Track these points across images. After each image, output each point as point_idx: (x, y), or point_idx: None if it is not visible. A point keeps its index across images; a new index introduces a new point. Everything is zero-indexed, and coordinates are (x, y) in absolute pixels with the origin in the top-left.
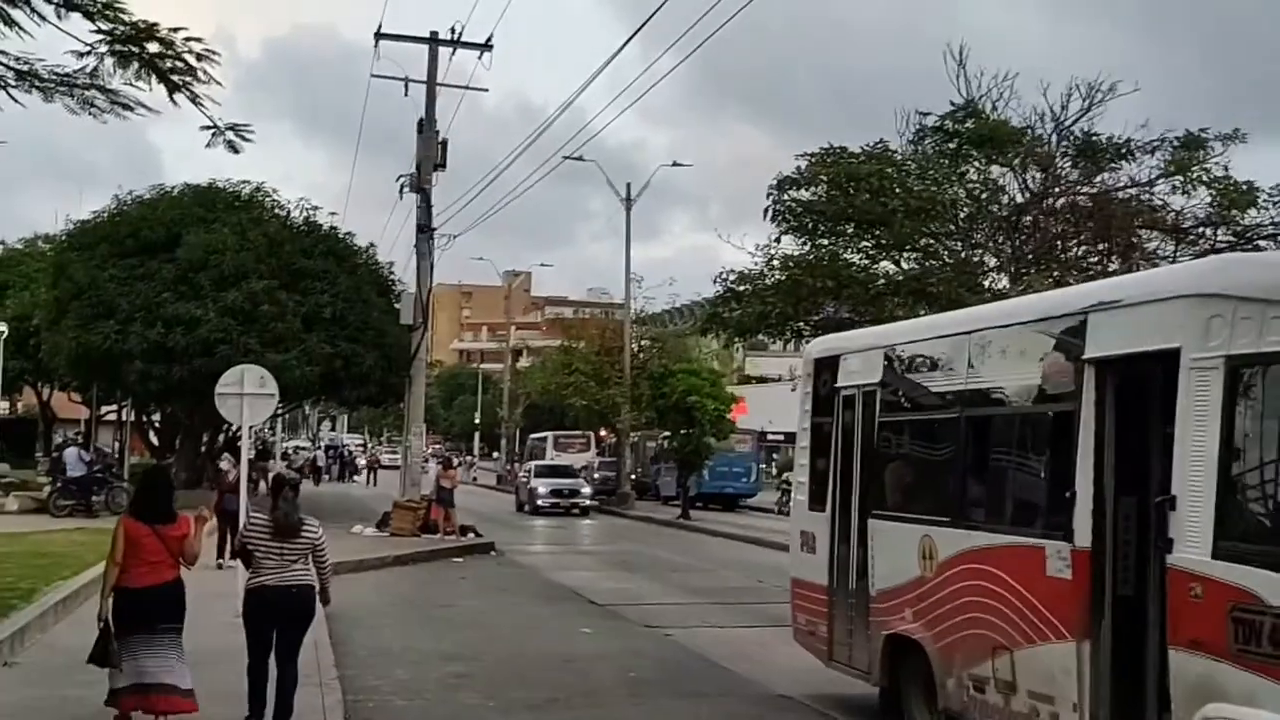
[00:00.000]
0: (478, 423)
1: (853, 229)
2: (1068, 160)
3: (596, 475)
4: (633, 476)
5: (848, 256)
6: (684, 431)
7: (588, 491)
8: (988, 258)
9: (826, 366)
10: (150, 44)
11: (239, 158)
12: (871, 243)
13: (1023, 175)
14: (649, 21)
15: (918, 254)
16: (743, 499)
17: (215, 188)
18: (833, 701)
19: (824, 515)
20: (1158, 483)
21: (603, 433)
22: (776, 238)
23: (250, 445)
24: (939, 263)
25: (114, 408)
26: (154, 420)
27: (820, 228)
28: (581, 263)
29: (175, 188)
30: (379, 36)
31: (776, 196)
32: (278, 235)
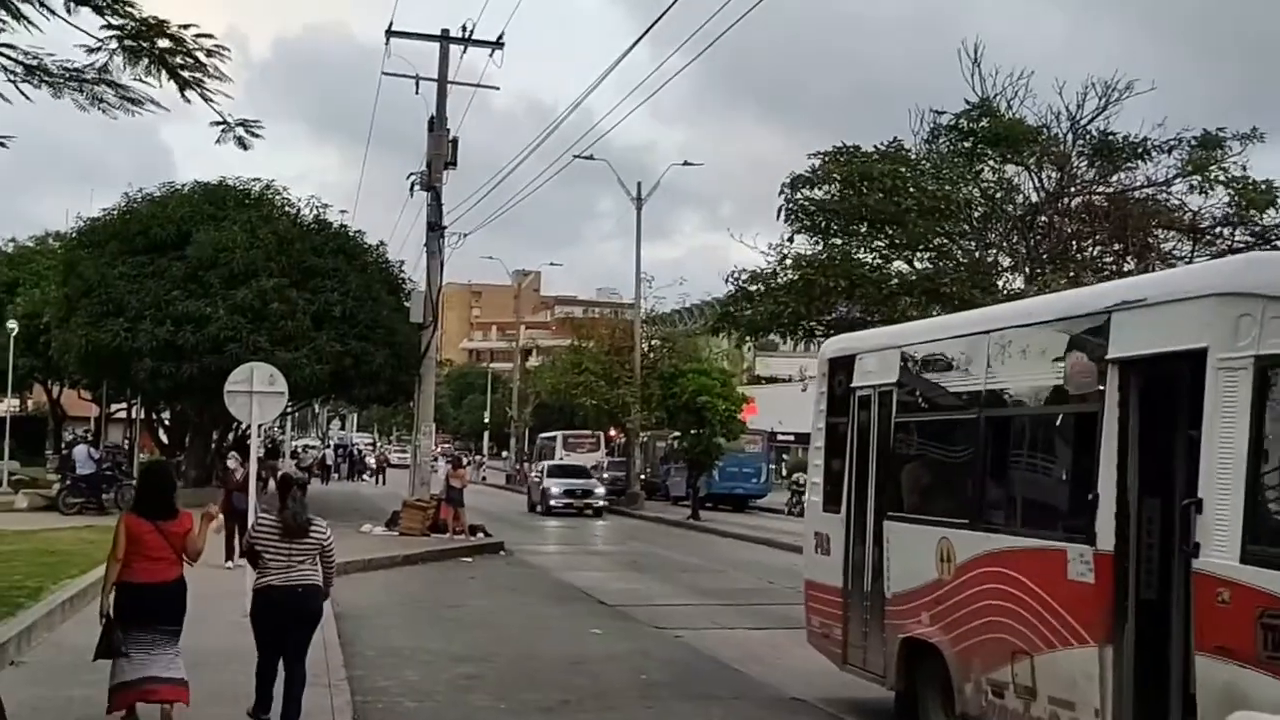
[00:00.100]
0: (487, 422)
1: (866, 228)
2: (1084, 160)
3: (605, 475)
4: (642, 476)
5: (860, 256)
6: (694, 432)
7: (601, 492)
8: (1002, 258)
9: (842, 366)
10: (160, 40)
11: (250, 157)
12: (885, 242)
13: (1038, 174)
14: (659, 21)
15: (931, 254)
16: (752, 500)
17: (225, 186)
18: (847, 705)
19: (839, 517)
20: (1183, 485)
21: (612, 432)
22: (789, 237)
23: (260, 444)
24: (953, 263)
25: (124, 405)
26: (164, 418)
27: (833, 227)
28: (591, 262)
29: (185, 186)
30: (390, 34)
31: (789, 195)
32: (288, 233)
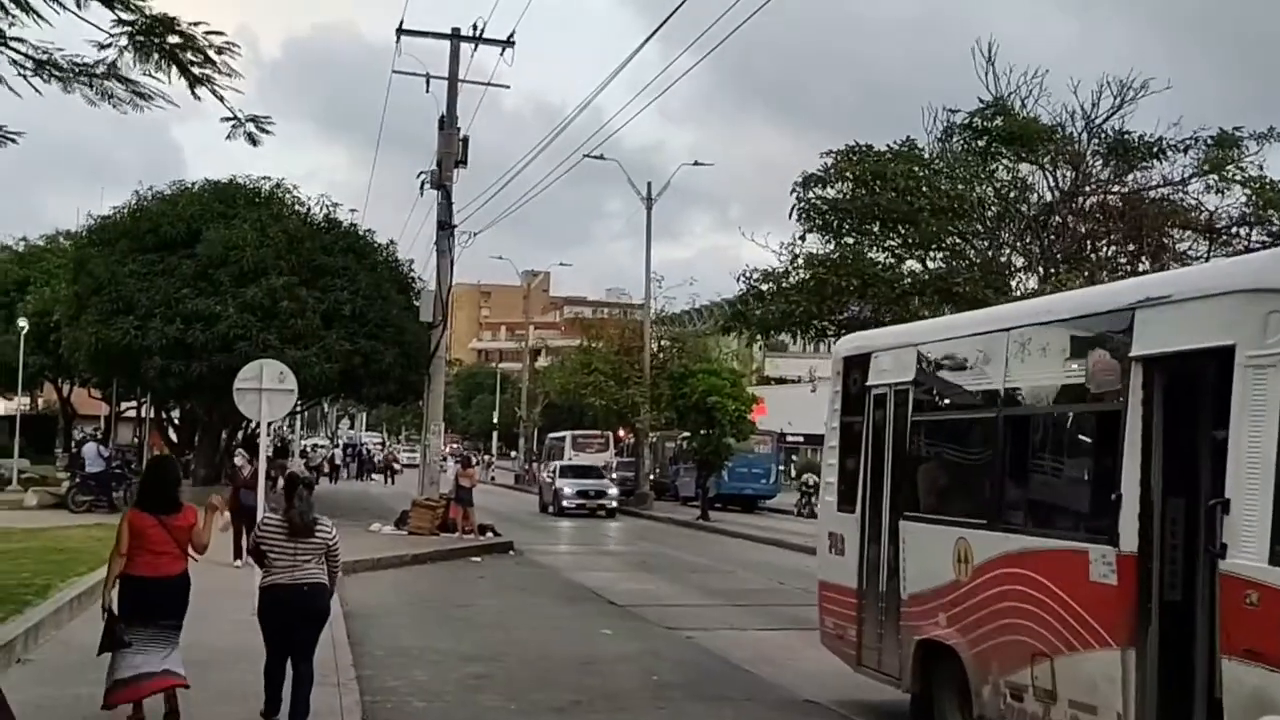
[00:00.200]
0: (496, 422)
1: (878, 227)
2: (1099, 159)
3: (614, 475)
4: (651, 477)
5: (873, 255)
6: (704, 432)
7: (614, 493)
8: (1015, 258)
9: (856, 365)
10: (171, 36)
11: (260, 156)
12: (897, 241)
13: (1053, 173)
14: (668, 21)
15: (944, 253)
16: (762, 500)
17: (235, 184)
18: (861, 708)
19: (853, 516)
20: (1208, 484)
21: (621, 433)
22: (801, 236)
23: (270, 442)
24: (965, 262)
25: (133, 404)
26: (173, 416)
27: (845, 226)
28: (600, 262)
29: (196, 184)
30: (401, 32)
31: (801, 194)
32: (298, 232)
